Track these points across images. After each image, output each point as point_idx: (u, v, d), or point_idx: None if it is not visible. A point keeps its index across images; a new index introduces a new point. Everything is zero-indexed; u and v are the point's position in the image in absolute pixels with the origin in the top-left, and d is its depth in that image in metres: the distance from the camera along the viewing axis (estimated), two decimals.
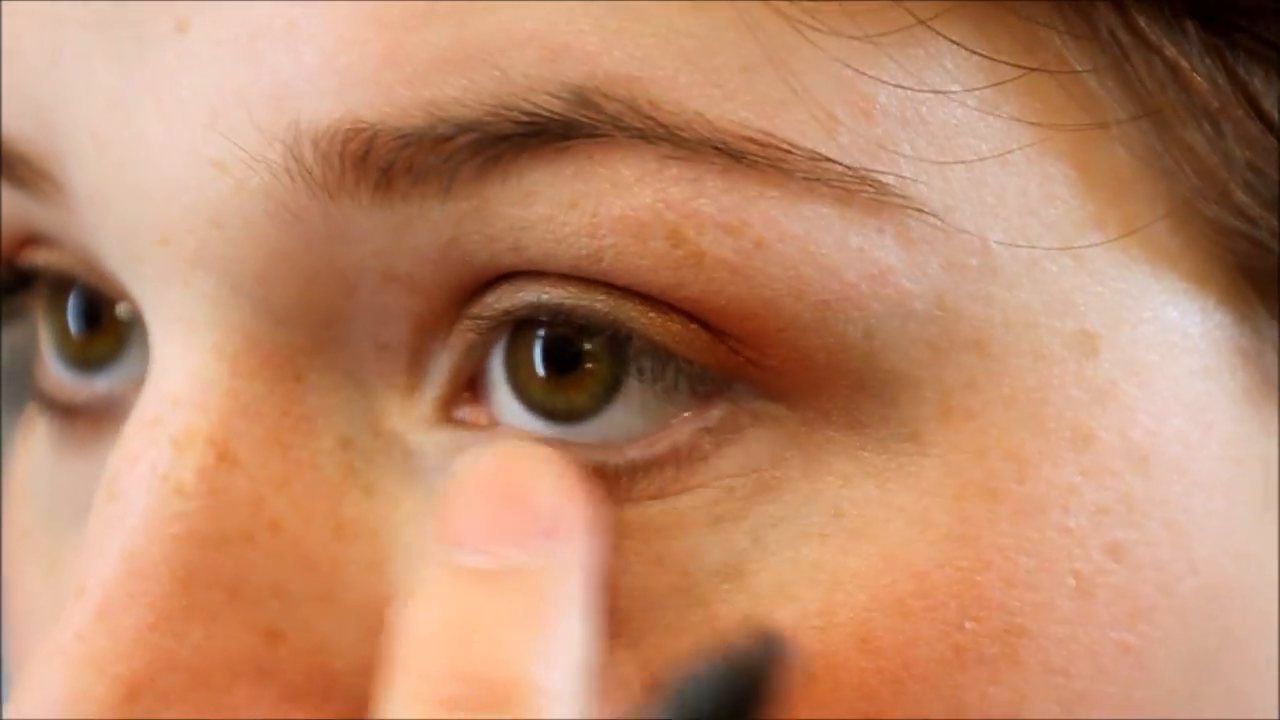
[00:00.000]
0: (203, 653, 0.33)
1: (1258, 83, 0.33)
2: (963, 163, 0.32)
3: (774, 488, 0.33)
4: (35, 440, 0.41)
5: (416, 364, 0.35)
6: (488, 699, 0.31)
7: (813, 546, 0.33)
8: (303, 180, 0.33)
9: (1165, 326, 0.34)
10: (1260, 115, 0.33)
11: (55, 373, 0.40)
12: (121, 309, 0.39)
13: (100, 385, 0.39)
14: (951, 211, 0.33)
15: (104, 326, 0.39)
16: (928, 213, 0.32)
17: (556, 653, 0.31)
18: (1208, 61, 0.33)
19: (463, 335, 0.34)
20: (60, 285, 0.40)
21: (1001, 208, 0.33)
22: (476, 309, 0.34)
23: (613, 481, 0.33)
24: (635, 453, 0.33)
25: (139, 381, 0.37)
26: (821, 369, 0.33)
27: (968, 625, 0.33)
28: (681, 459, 0.33)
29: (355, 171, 0.32)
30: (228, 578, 0.34)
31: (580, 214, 0.32)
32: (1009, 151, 0.33)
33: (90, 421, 0.39)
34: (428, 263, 0.33)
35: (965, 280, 0.33)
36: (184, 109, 0.34)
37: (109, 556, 0.34)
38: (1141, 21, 0.33)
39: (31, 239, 0.39)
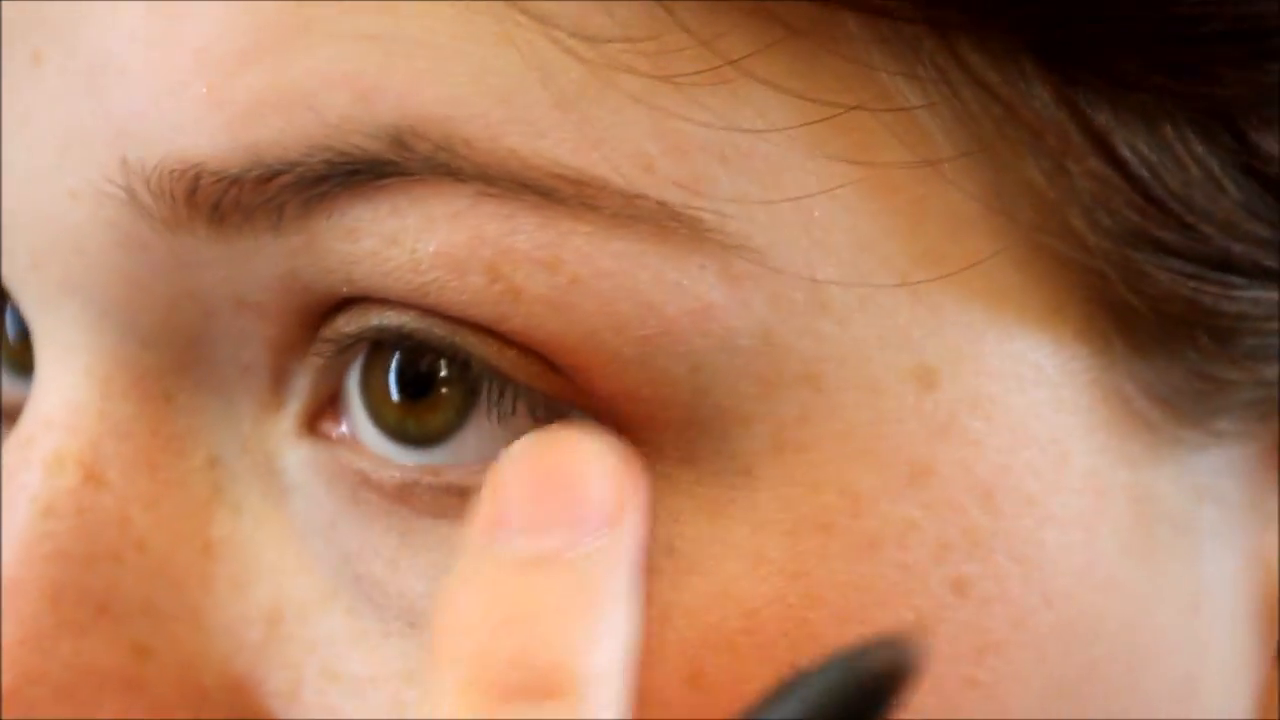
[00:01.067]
0: (71, 668, 0.34)
1: (1104, 118, 0.33)
2: (787, 200, 0.32)
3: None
4: None
5: (279, 383, 0.35)
6: (542, 686, 0.31)
7: (648, 580, 0.33)
8: (142, 213, 0.34)
9: (1012, 360, 0.34)
10: (1105, 151, 0.33)
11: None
12: None
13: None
14: (776, 247, 0.32)
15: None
16: (750, 249, 0.32)
17: (608, 641, 0.32)
18: (1046, 98, 0.32)
19: (317, 357, 0.35)
20: None
21: (830, 243, 0.33)
22: (328, 332, 0.34)
23: (447, 499, 0.34)
24: (470, 479, 0.34)
25: None
26: (649, 403, 0.33)
27: (799, 663, 0.32)
28: None
29: (187, 207, 0.33)
30: (96, 595, 0.35)
31: (401, 250, 0.32)
32: (834, 188, 0.32)
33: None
34: (272, 290, 0.34)
35: (792, 316, 0.33)
36: (42, 140, 0.35)
37: None
38: (973, 60, 0.32)
39: None
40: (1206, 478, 0.36)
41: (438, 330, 0.33)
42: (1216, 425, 0.35)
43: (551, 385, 0.33)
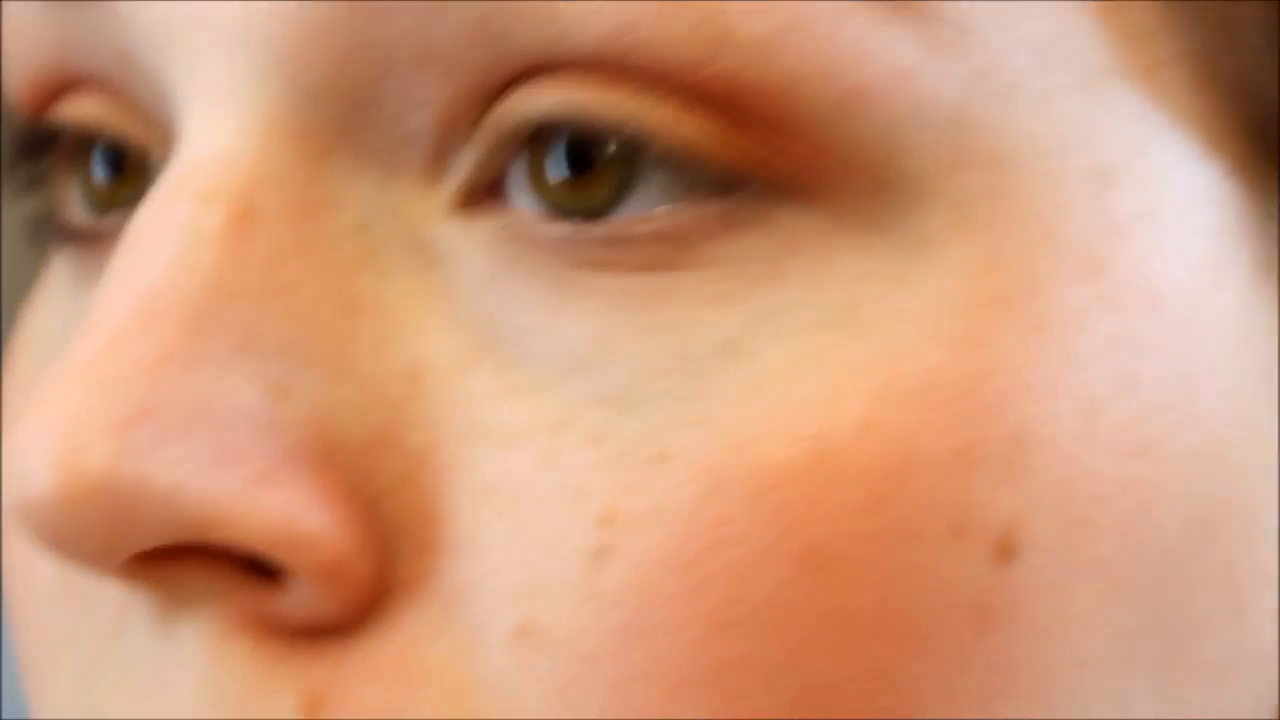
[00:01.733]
0: (209, 394, 0.33)
1: None
2: None
3: (780, 277, 0.33)
4: (52, 286, 0.42)
5: (438, 159, 0.35)
6: None
7: (819, 334, 0.33)
8: None
9: (1180, 178, 0.35)
10: None
11: (79, 212, 0.41)
12: (146, 160, 0.39)
13: (116, 220, 0.40)
14: (979, 24, 0.33)
15: (127, 175, 0.40)
16: (956, 20, 0.33)
17: None
18: None
19: (485, 138, 0.34)
20: (84, 142, 0.40)
21: (1026, 29, 0.34)
22: (499, 113, 0.34)
23: (610, 250, 0.34)
24: (634, 229, 0.34)
25: None
26: (839, 164, 0.33)
27: (975, 426, 0.33)
28: (681, 238, 0.33)
29: None
30: (240, 330, 0.34)
31: None
32: None
33: (109, 243, 0.40)
34: (461, 42, 0.34)
35: (987, 94, 0.33)
36: None
37: (125, 296, 0.34)
38: None
39: (63, 83, 0.40)
40: None
41: (624, 105, 0.33)
42: None
43: (737, 150, 0.33)
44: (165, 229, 0.34)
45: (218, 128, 0.35)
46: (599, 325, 0.34)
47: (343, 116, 0.35)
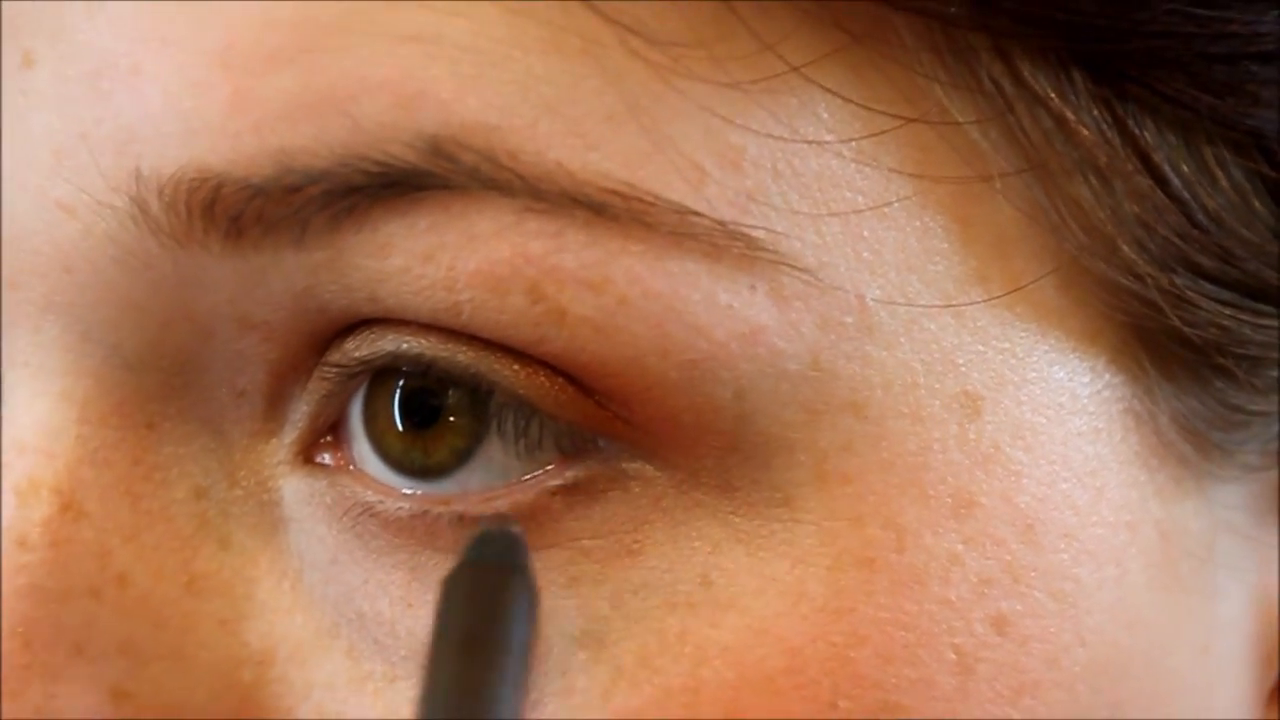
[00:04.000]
0: (43, 713, 0.32)
1: (1148, 136, 0.32)
2: (838, 215, 0.31)
3: (637, 552, 0.32)
4: None
5: (274, 409, 0.33)
6: None
7: (679, 616, 0.32)
8: (149, 228, 0.32)
9: (1052, 387, 0.33)
10: (1150, 170, 0.32)
11: None
12: None
13: None
14: (826, 267, 0.31)
15: None
16: (801, 269, 0.31)
17: None
18: (1096, 113, 0.32)
19: (320, 382, 0.33)
20: None
21: (879, 263, 0.32)
22: (335, 356, 0.32)
23: (458, 531, 0.32)
24: (481, 507, 0.32)
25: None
26: (690, 429, 0.31)
27: (841, 704, 0.31)
28: (530, 517, 0.32)
29: (203, 220, 0.31)
30: (72, 634, 0.32)
31: (437, 267, 0.31)
32: (887, 204, 0.31)
33: None
34: (283, 311, 0.32)
35: (841, 339, 0.32)
36: (31, 148, 0.32)
37: None
38: (1026, 71, 0.32)
39: None
40: (1225, 511, 0.35)
41: (461, 357, 0.31)
42: (1243, 458, 0.35)
43: (581, 413, 0.31)
44: None
45: (34, 404, 0.33)
46: None
47: (166, 383, 0.33)
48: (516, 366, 0.31)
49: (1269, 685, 0.37)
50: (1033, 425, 0.33)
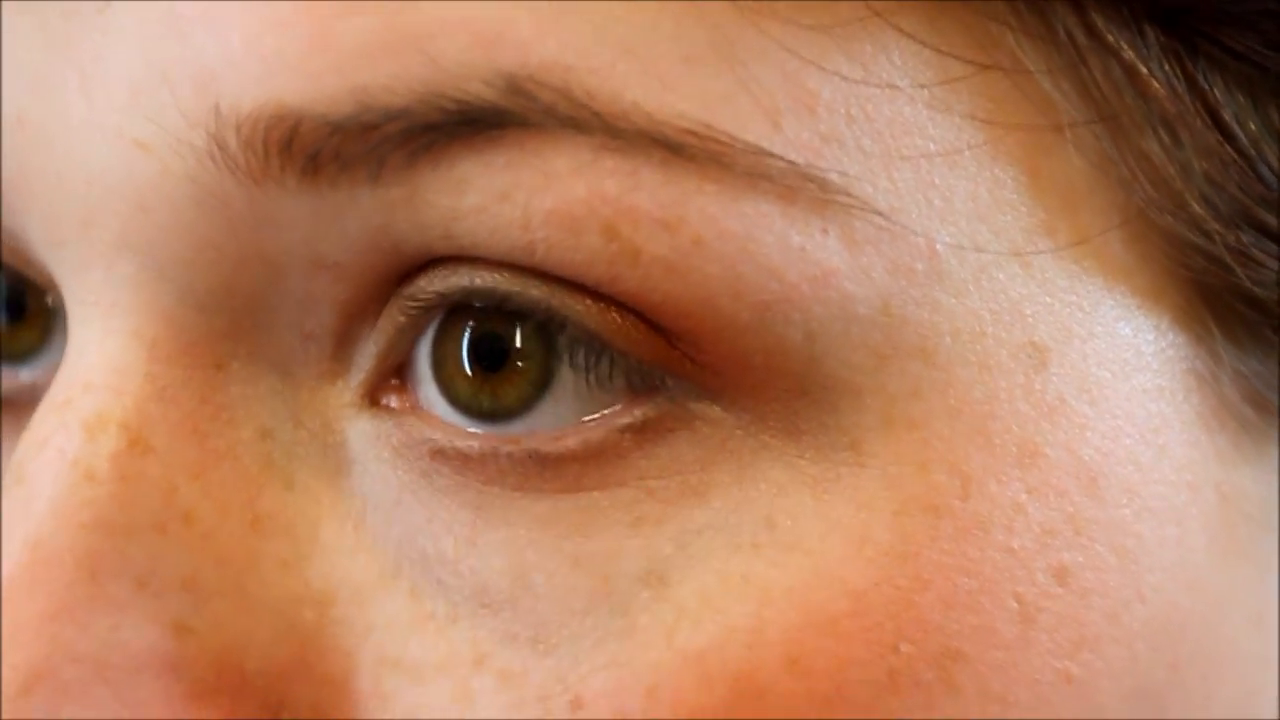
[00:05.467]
0: (107, 645, 0.32)
1: (1217, 92, 0.32)
2: (910, 161, 0.31)
3: (702, 493, 0.32)
4: None
5: (342, 351, 0.34)
6: None
7: (743, 557, 0.32)
8: (227, 166, 0.32)
9: (1117, 342, 0.33)
10: (1219, 125, 0.32)
11: None
12: (50, 298, 0.38)
13: (25, 377, 0.38)
14: (897, 212, 0.32)
15: (29, 318, 0.38)
16: (873, 212, 0.31)
17: None
18: (1166, 67, 0.32)
19: (391, 319, 0.33)
20: None
21: (949, 210, 0.32)
22: (408, 291, 0.33)
23: (527, 469, 0.32)
24: (552, 445, 0.32)
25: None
26: (760, 371, 0.32)
27: (903, 648, 0.31)
28: (598, 455, 0.32)
29: (281, 158, 0.31)
30: (136, 568, 0.32)
31: (512, 206, 0.31)
32: (958, 151, 0.32)
33: (13, 413, 0.38)
34: (357, 250, 0.32)
35: (911, 285, 0.32)
36: (108, 88, 0.33)
37: (13, 543, 0.32)
38: (1099, 22, 0.32)
39: None
40: None
41: (534, 291, 0.32)
42: None
43: (652, 350, 0.32)
44: (51, 463, 0.33)
45: (104, 342, 0.33)
46: (515, 560, 0.32)
47: (236, 324, 0.33)
48: (589, 302, 0.31)
49: None
50: (1098, 379, 0.33)
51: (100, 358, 0.33)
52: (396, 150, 0.31)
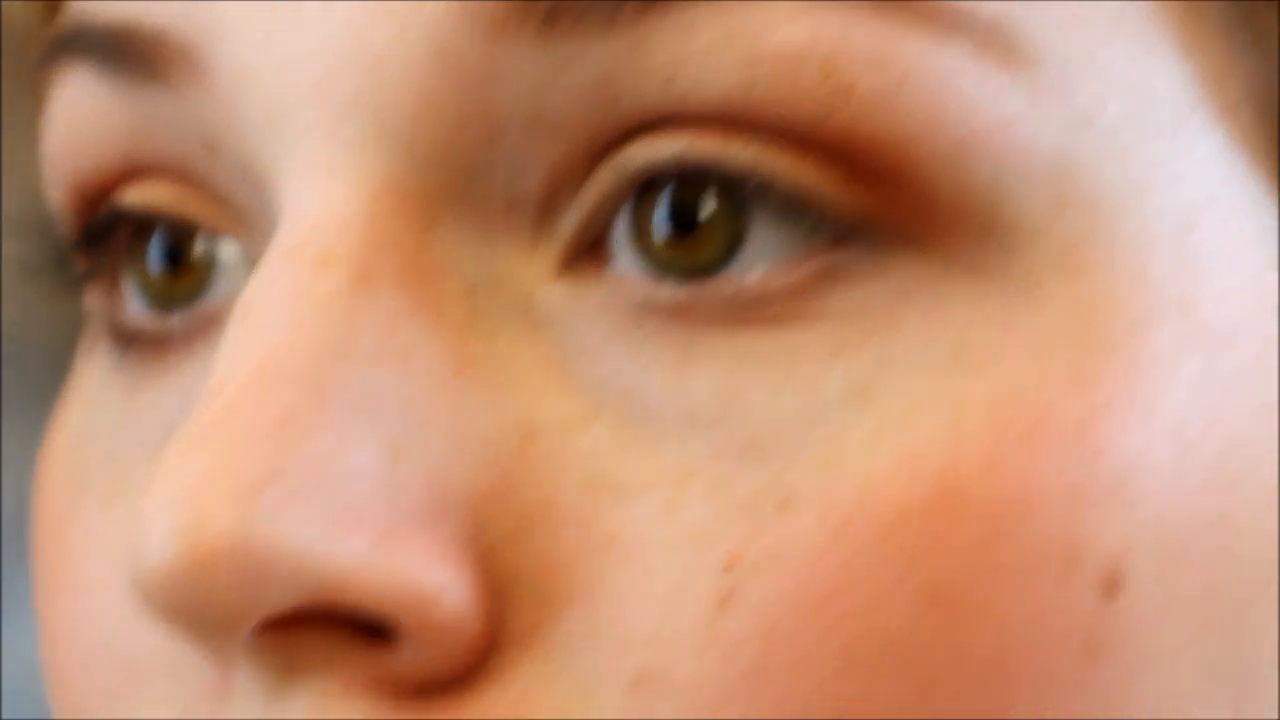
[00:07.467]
0: (331, 456, 0.34)
1: None
2: (1083, 23, 0.35)
3: (894, 326, 0.34)
4: (96, 383, 0.42)
5: (545, 219, 0.36)
6: None
7: (937, 377, 0.34)
8: (470, 19, 0.34)
9: (1250, 216, 0.37)
10: None
11: (135, 312, 0.41)
12: (203, 247, 0.40)
13: (185, 317, 0.40)
14: (1075, 74, 0.35)
15: (186, 267, 0.40)
16: (1054, 67, 0.35)
17: None
18: None
19: (596, 188, 0.35)
20: (143, 228, 0.40)
21: (1115, 73, 0.35)
22: (617, 161, 0.35)
23: (728, 308, 0.35)
24: (752, 290, 0.35)
25: (229, 303, 0.38)
26: (950, 210, 0.34)
27: (1086, 462, 0.34)
28: (797, 296, 0.34)
29: (521, 10, 0.34)
30: (358, 392, 0.34)
31: (737, 44, 0.34)
32: (1122, 20, 0.35)
33: (176, 347, 0.40)
34: (577, 104, 0.35)
35: (1084, 139, 0.35)
36: None
37: (244, 361, 0.34)
38: None
39: (131, 169, 0.40)
40: None
41: (741, 155, 0.34)
42: None
43: (851, 198, 0.34)
44: (282, 294, 0.35)
45: (329, 196, 0.35)
46: (723, 383, 0.34)
47: (452, 183, 0.36)
48: (794, 157, 0.34)
49: None
50: (1236, 245, 0.36)
51: (326, 207, 0.35)
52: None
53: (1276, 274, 0.37)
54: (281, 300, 0.35)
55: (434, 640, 0.34)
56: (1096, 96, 0.35)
